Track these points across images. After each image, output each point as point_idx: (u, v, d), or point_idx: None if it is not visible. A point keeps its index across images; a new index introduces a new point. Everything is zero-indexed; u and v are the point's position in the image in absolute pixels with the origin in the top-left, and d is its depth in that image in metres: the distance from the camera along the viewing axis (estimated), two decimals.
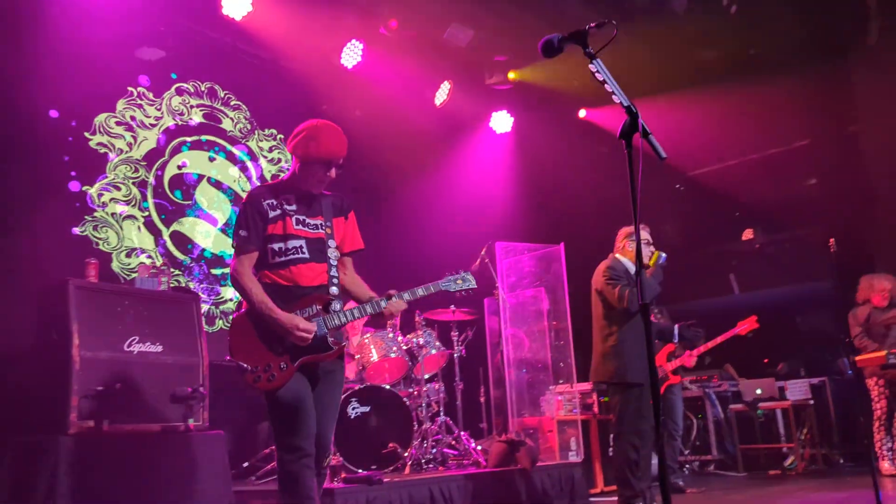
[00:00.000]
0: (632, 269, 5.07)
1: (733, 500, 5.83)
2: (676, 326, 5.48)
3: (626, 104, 2.39)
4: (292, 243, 3.32)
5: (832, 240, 4.34)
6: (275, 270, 3.31)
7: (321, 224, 3.42)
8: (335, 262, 3.41)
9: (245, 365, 3.14)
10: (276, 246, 3.31)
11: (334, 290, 3.37)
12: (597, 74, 2.40)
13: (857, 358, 6.47)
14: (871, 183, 8.74)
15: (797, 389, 8.21)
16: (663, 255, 5.06)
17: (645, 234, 5.19)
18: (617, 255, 5.26)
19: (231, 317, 3.79)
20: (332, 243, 3.42)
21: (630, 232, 5.17)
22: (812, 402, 8.17)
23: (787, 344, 9.32)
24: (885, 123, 8.51)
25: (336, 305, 3.34)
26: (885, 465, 6.79)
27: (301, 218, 3.38)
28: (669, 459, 6.60)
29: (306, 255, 3.33)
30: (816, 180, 9.56)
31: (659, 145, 2.36)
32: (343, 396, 5.68)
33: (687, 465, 8.33)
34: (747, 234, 11.07)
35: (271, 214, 3.33)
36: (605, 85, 2.41)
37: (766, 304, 9.53)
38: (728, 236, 10.86)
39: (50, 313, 4.12)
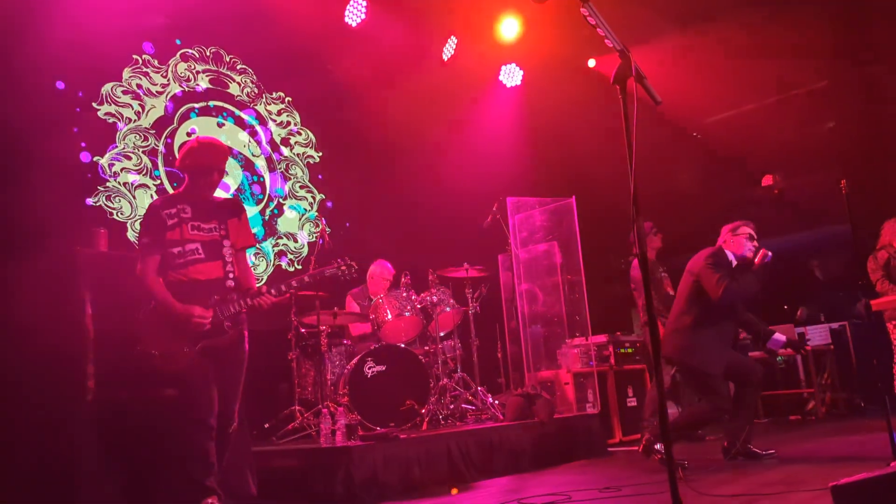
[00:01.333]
0: (734, 262, 5.09)
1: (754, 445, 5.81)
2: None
3: (619, 48, 2.33)
4: (189, 246, 3.83)
5: (843, 181, 4.26)
6: (176, 270, 3.81)
7: (215, 227, 3.94)
8: (230, 259, 3.93)
9: (153, 351, 3.66)
10: (175, 250, 3.81)
11: (230, 283, 3.89)
12: (588, 18, 2.34)
13: (874, 301, 6.37)
14: (890, 125, 8.53)
15: (817, 335, 8.16)
16: (769, 254, 5.02)
17: (748, 230, 5.17)
18: (721, 246, 5.19)
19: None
20: (226, 243, 3.94)
21: (734, 226, 5.18)
22: (832, 346, 8.11)
23: (806, 289, 9.23)
24: None
25: (232, 296, 3.84)
26: None
27: (196, 224, 3.90)
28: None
29: (202, 256, 3.85)
30: (835, 123, 9.35)
31: (653, 90, 2.30)
32: (359, 356, 5.76)
33: None
34: (767, 180, 10.89)
35: (169, 223, 3.84)
36: (598, 29, 2.35)
37: (784, 250, 9.42)
38: (746, 183, 10.70)
39: (62, 283, 4.15)
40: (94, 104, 6.79)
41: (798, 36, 8.76)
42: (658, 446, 4.85)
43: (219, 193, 4.20)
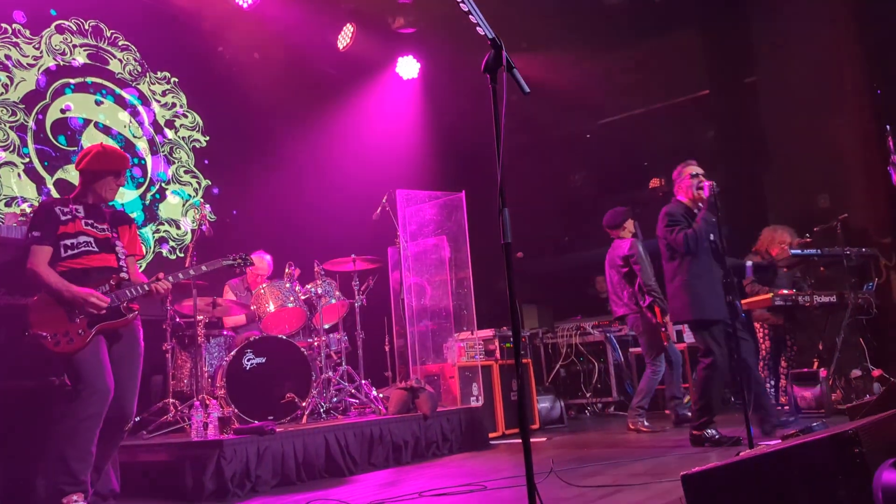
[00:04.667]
0: (687, 207, 5.17)
1: (634, 439, 6.00)
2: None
3: (490, 36, 2.31)
4: (82, 238, 3.87)
5: (712, 182, 4.43)
6: (69, 261, 3.81)
7: (107, 229, 4.00)
8: (122, 256, 3.99)
9: (43, 333, 3.58)
10: (68, 241, 3.83)
11: (125, 275, 3.95)
12: (461, 4, 2.31)
13: (744, 301, 6.71)
14: (765, 134, 8.98)
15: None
16: (706, 185, 4.96)
17: (689, 170, 5.23)
18: (678, 198, 5.26)
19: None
20: (119, 244, 4.00)
21: (678, 171, 5.26)
22: None
23: None
24: (781, 75, 8.72)
25: (127, 282, 3.90)
26: None
27: (90, 222, 3.94)
28: (676, 393, 6.69)
29: (95, 249, 3.89)
30: (714, 130, 9.78)
31: (522, 80, 2.29)
32: (238, 348, 5.59)
33: (588, 407, 8.57)
34: (654, 183, 11.29)
35: (63, 217, 3.86)
36: (470, 16, 2.32)
37: None
38: (634, 184, 11.04)
39: None
40: None
41: (684, 46, 9.12)
42: (710, 432, 4.94)
43: None
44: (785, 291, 6.79)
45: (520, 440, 6.06)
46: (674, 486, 3.40)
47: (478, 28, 2.32)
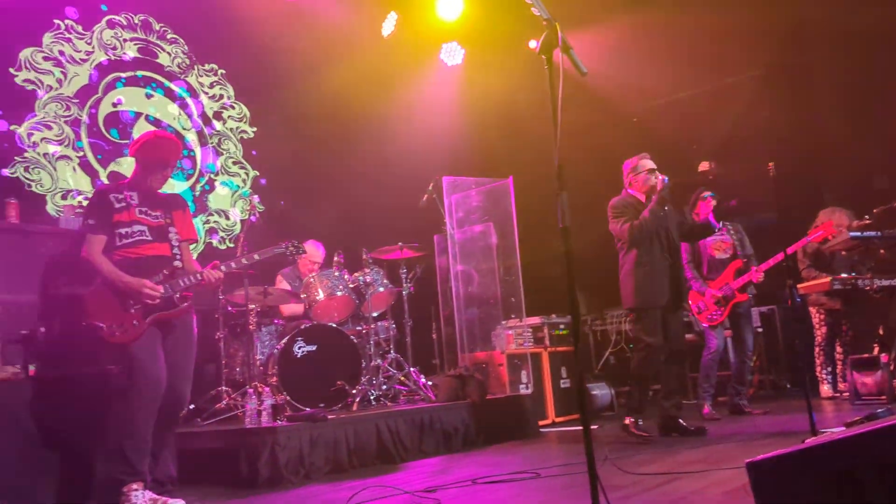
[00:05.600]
0: (638, 200, 5.27)
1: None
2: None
3: (546, 17, 2.26)
4: (136, 227, 3.88)
5: (771, 164, 4.31)
6: (124, 250, 3.83)
7: (161, 215, 4.00)
8: (177, 244, 4.00)
9: (100, 324, 3.62)
10: (122, 230, 3.85)
11: (178, 263, 3.94)
12: None
13: (800, 286, 6.54)
14: (820, 115, 8.71)
15: None
16: (661, 180, 5.13)
17: (647, 163, 5.29)
18: (630, 192, 5.36)
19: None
20: (172, 230, 4.00)
21: (633, 165, 5.34)
22: (761, 329, 8.29)
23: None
24: (834, 55, 8.45)
25: (180, 272, 3.91)
26: (825, 389, 6.97)
27: (143, 209, 3.95)
28: (736, 381, 6.57)
29: (150, 238, 3.90)
30: (768, 112, 9.52)
31: (580, 60, 2.24)
32: (289, 336, 5.64)
33: None
34: (703, 166, 11.03)
35: (117, 206, 3.87)
36: None
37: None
38: (683, 169, 10.82)
39: None
40: (11, 70, 6.45)
41: (735, 24, 8.87)
42: (630, 422, 5.07)
43: None
44: (844, 275, 6.59)
45: (570, 428, 6.05)
46: (734, 474, 3.33)
47: (533, 9, 2.26)
